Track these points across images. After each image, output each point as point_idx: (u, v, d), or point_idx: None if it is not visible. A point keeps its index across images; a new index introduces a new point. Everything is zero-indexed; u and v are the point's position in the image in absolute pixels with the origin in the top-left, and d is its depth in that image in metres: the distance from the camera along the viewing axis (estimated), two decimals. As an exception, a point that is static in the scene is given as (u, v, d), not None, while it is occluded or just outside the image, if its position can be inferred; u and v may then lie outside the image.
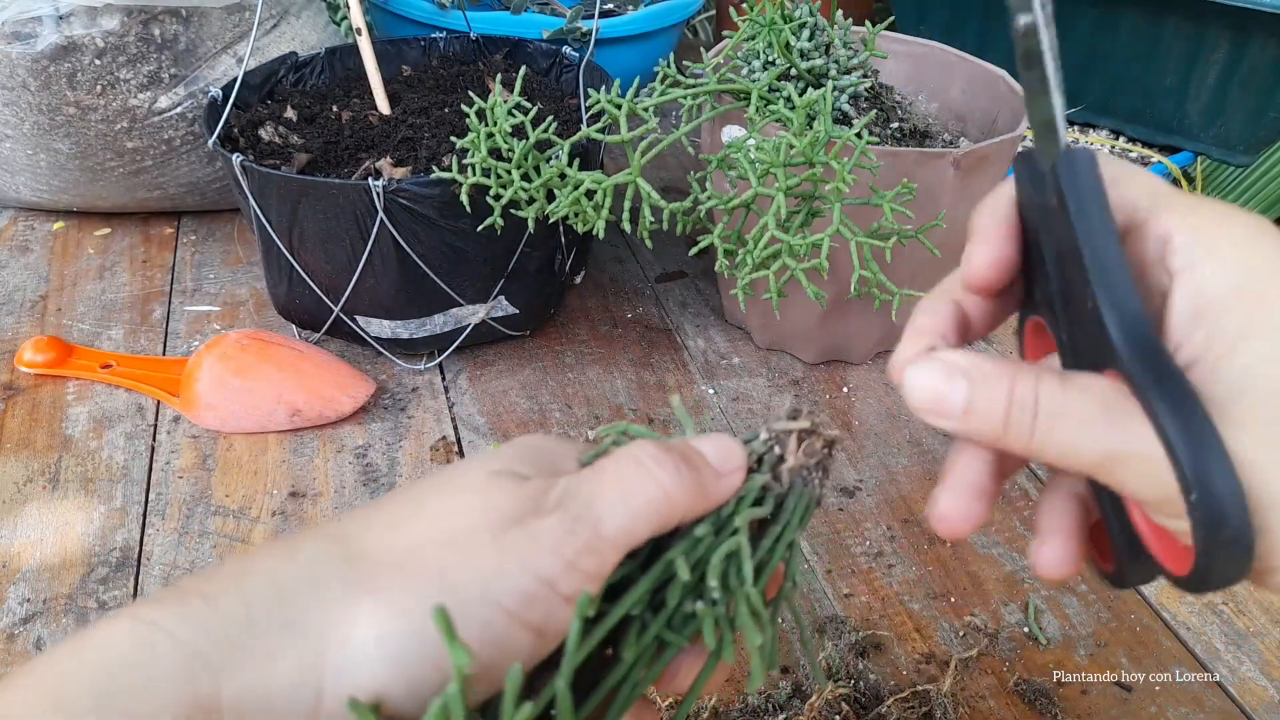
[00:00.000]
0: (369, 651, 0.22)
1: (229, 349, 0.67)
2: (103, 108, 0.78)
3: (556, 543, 0.24)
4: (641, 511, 0.25)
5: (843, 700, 0.49)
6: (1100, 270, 0.24)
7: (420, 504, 0.25)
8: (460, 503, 0.25)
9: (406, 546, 0.24)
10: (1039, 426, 0.25)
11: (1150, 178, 0.27)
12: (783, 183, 0.52)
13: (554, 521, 0.24)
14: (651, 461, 0.26)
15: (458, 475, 0.26)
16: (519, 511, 0.25)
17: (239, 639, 0.21)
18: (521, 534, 0.24)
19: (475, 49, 0.86)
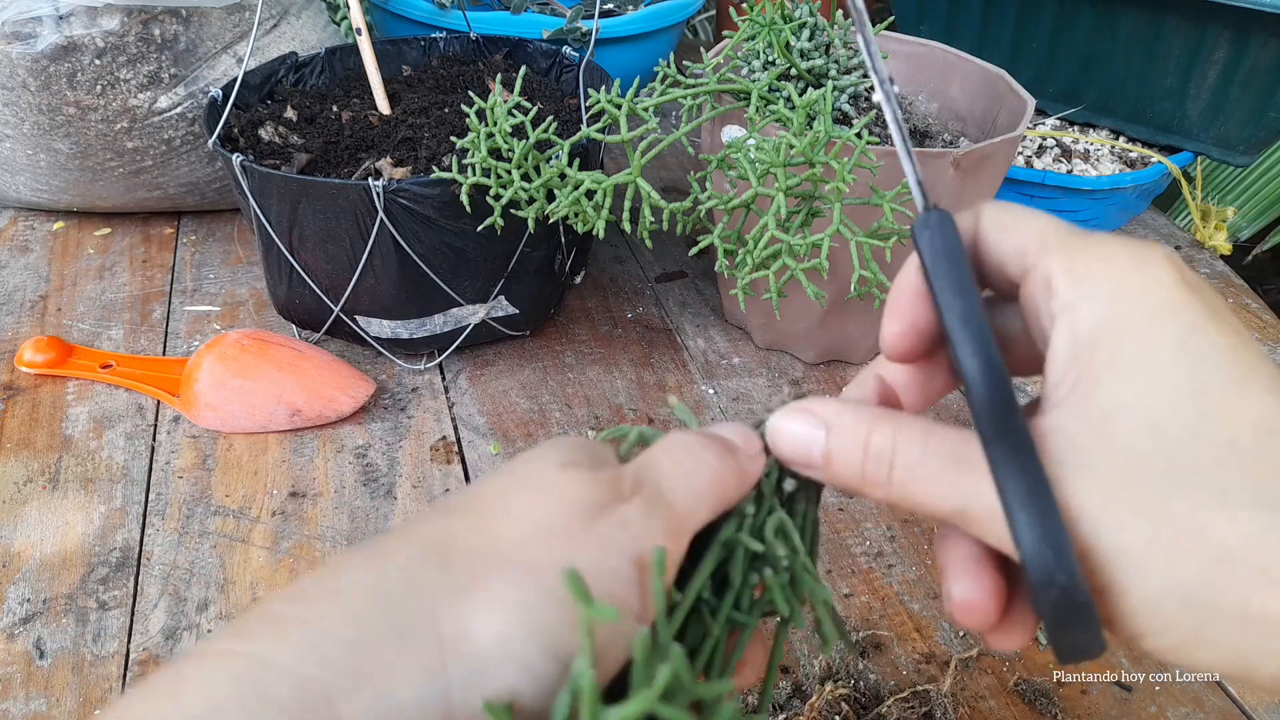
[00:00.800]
0: (492, 652, 0.21)
1: (229, 349, 0.67)
2: (103, 108, 0.78)
3: (643, 527, 0.24)
4: (701, 492, 0.26)
5: (843, 700, 0.49)
6: (953, 328, 0.25)
7: (498, 503, 0.24)
8: (543, 498, 0.24)
9: (502, 545, 0.23)
10: (894, 478, 0.25)
11: (1044, 221, 0.26)
12: (783, 183, 0.52)
13: (636, 506, 0.24)
14: (699, 447, 0.27)
15: (527, 472, 0.26)
16: (601, 498, 0.24)
17: (353, 660, 0.20)
18: (612, 521, 0.24)
19: (475, 49, 0.86)
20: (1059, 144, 0.93)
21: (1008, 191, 0.85)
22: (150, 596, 0.55)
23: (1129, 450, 0.22)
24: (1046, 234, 0.25)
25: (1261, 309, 0.86)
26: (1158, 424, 0.22)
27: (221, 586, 0.56)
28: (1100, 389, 0.22)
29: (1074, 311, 0.23)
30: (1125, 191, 0.86)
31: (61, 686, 0.50)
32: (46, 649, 0.52)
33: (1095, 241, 0.24)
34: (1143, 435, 0.22)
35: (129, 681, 0.51)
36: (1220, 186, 1.26)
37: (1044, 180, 0.83)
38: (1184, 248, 0.95)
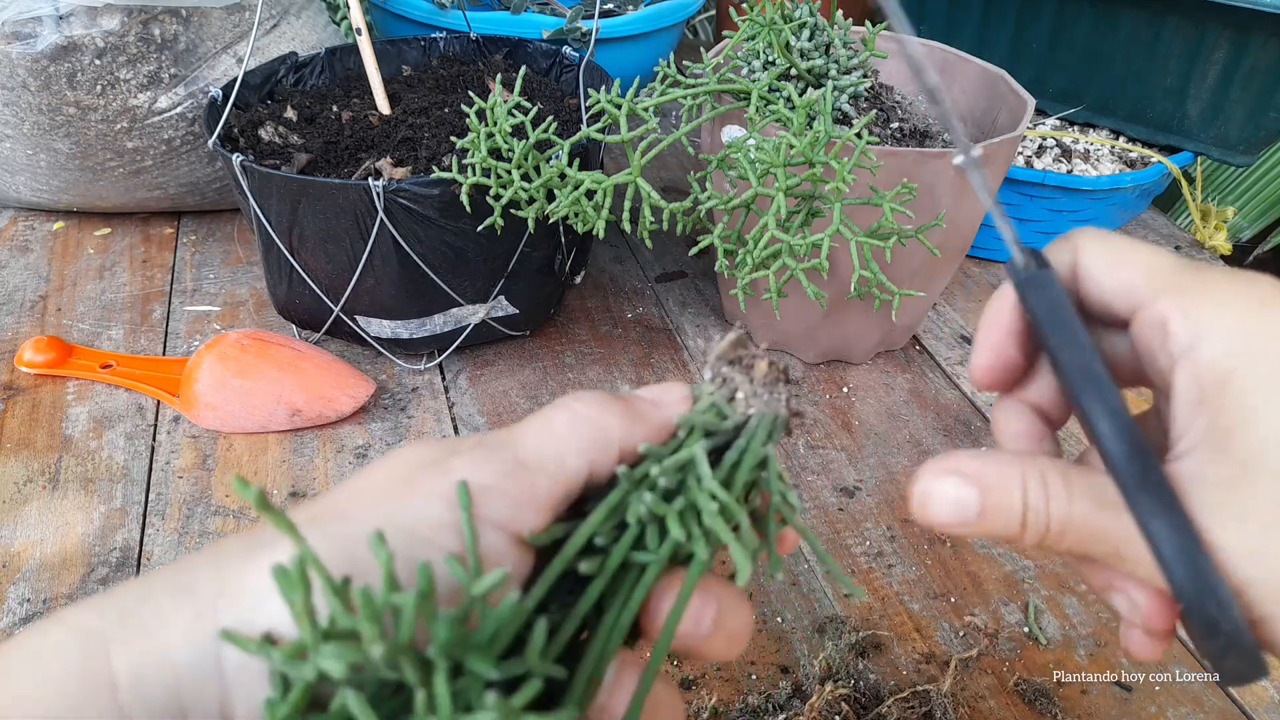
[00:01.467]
0: (263, 594, 0.21)
1: (229, 349, 0.67)
2: (103, 108, 0.78)
3: (471, 471, 0.24)
4: (567, 436, 0.26)
5: (843, 700, 0.49)
6: (1077, 385, 0.25)
7: (350, 481, 0.26)
8: (387, 461, 0.25)
9: (336, 505, 0.24)
10: (1051, 528, 0.25)
11: (1151, 255, 0.26)
12: (783, 183, 0.52)
13: (467, 456, 0.25)
14: (573, 400, 0.27)
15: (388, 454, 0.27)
16: (437, 457, 0.25)
17: (131, 610, 0.21)
18: (434, 470, 0.24)
19: (475, 49, 0.86)
20: (1059, 144, 0.93)
21: (1008, 192, 0.85)
22: (150, 596, 0.55)
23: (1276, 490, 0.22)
24: (1155, 272, 0.25)
25: (1261, 309, 0.86)
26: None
27: (221, 586, 0.56)
28: (1239, 433, 0.23)
29: (1195, 356, 0.24)
30: (1125, 191, 0.86)
31: (61, 686, 0.50)
32: None
33: (1207, 279, 0.25)
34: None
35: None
36: (1221, 187, 1.26)
37: (1044, 180, 0.83)
38: (1184, 248, 0.95)
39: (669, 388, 0.29)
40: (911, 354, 0.79)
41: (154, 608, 0.21)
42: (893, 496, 0.64)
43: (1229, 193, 1.26)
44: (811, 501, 0.64)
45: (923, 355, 0.79)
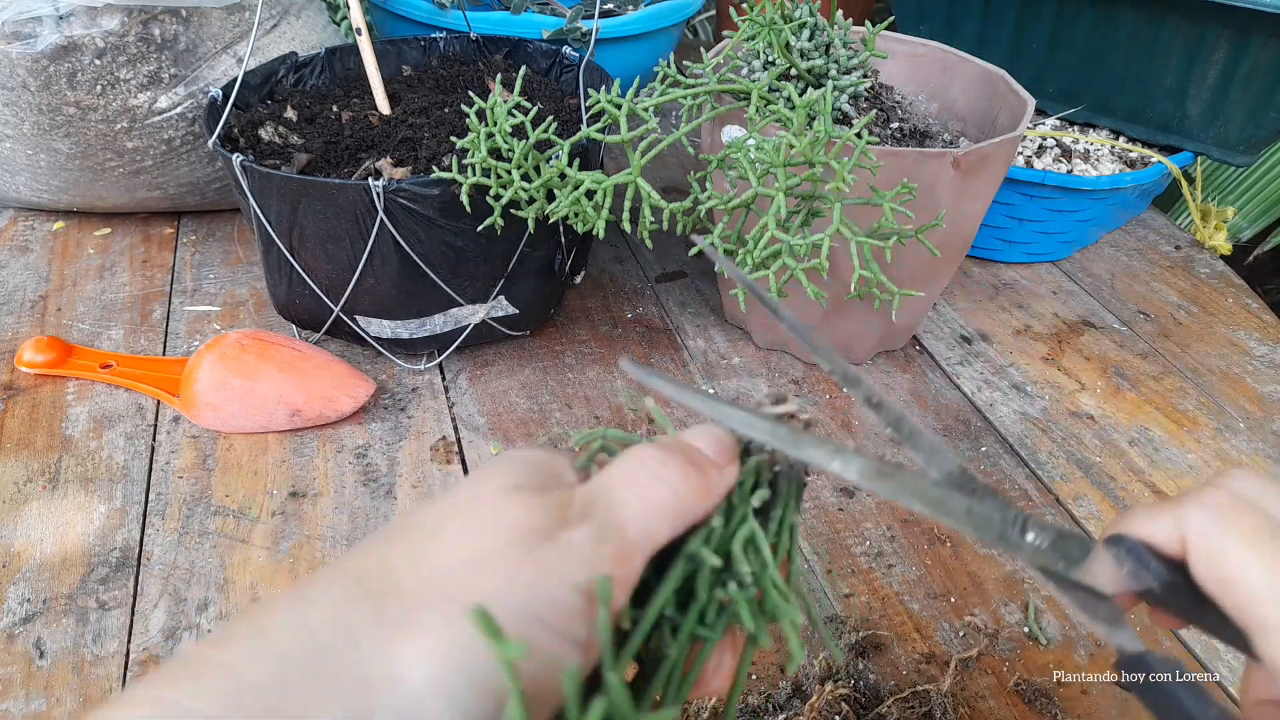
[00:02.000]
0: (423, 695, 0.20)
1: (229, 349, 0.67)
2: (103, 108, 0.78)
3: (591, 553, 0.24)
4: (660, 513, 0.26)
5: (843, 700, 0.49)
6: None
7: (436, 531, 0.24)
8: (482, 523, 0.24)
9: (436, 576, 0.22)
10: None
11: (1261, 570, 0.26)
12: (783, 183, 0.52)
13: (583, 532, 0.24)
14: (658, 464, 0.26)
15: (468, 496, 0.25)
16: (545, 524, 0.24)
17: (272, 704, 0.19)
18: (554, 548, 0.23)
19: (475, 49, 0.86)
20: (1059, 144, 0.93)
21: (1008, 191, 0.85)
22: (150, 596, 0.55)
23: None
24: (1265, 606, 0.25)
25: (1261, 309, 0.86)
26: None
27: (221, 586, 0.56)
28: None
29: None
30: (1125, 191, 0.86)
31: (61, 686, 0.50)
32: (46, 649, 0.52)
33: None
34: None
35: (129, 681, 0.51)
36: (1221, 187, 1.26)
37: (1044, 180, 0.83)
38: (1184, 248, 0.95)
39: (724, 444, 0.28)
40: (911, 354, 0.79)
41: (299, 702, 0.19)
42: (893, 496, 0.64)
43: (1229, 193, 1.26)
44: (812, 501, 0.64)
45: (923, 355, 0.79)
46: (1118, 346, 0.81)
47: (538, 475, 0.26)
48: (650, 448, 0.27)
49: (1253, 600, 0.26)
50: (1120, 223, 0.97)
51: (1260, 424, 0.73)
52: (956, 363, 0.78)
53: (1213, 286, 0.90)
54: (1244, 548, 0.26)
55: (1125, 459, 0.69)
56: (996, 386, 0.76)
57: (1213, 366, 0.79)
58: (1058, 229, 0.88)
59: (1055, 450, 0.69)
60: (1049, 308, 0.85)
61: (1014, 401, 0.74)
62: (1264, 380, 0.77)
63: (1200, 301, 0.87)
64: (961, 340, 0.81)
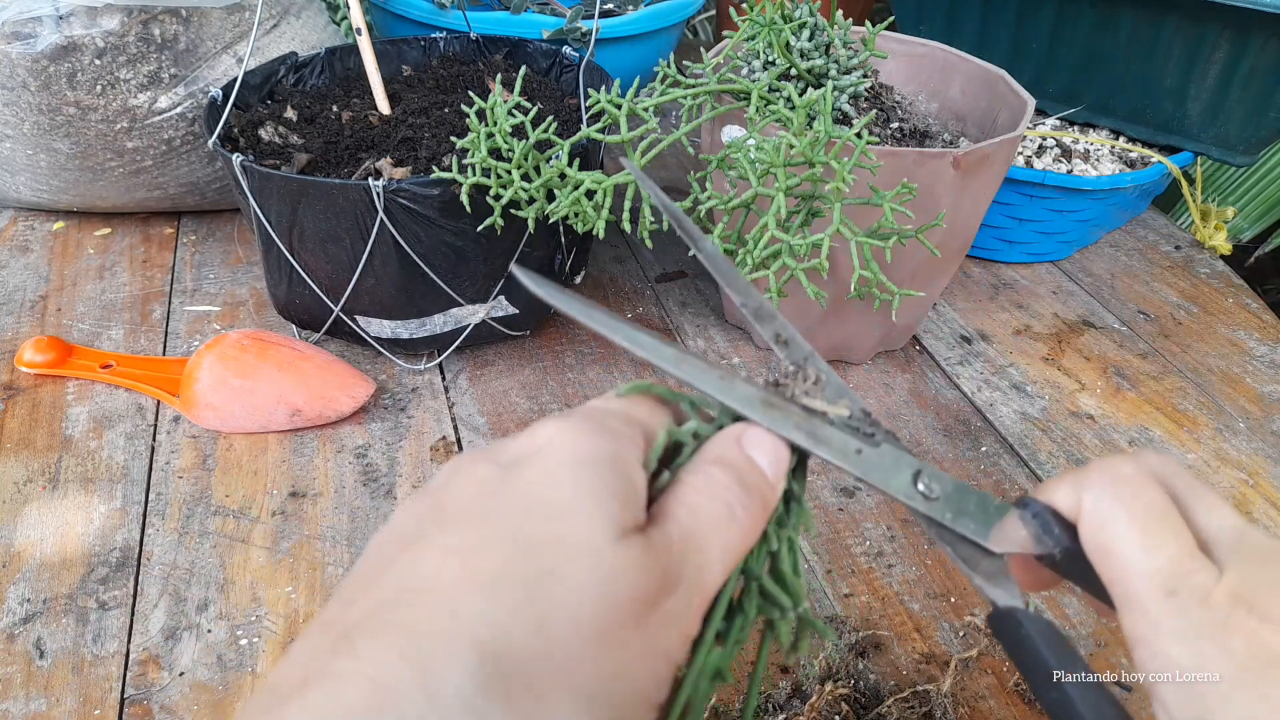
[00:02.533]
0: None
1: (229, 349, 0.67)
2: (103, 108, 0.78)
3: (685, 622, 0.23)
4: (735, 556, 0.26)
5: (843, 700, 0.49)
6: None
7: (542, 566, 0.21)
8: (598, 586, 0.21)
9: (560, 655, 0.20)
10: None
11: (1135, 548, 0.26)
12: (783, 183, 0.52)
13: (682, 597, 0.23)
14: (740, 507, 0.25)
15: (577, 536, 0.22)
16: (656, 586, 0.22)
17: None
18: (661, 620, 0.23)
19: (475, 49, 0.86)
20: (1059, 144, 0.93)
21: (1008, 191, 0.85)
22: (150, 596, 0.55)
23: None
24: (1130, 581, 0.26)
25: (1261, 309, 0.86)
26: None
27: (221, 586, 0.56)
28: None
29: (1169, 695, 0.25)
30: (1125, 191, 0.86)
31: (61, 686, 0.50)
32: (46, 649, 0.52)
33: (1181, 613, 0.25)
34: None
35: (129, 681, 0.51)
36: (1222, 187, 1.26)
37: (1044, 180, 0.83)
38: (1184, 248, 0.95)
39: (780, 460, 0.28)
40: (911, 354, 0.79)
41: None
42: (893, 496, 0.64)
43: (1230, 193, 1.26)
44: (812, 501, 0.64)
45: (923, 355, 0.79)
46: (1118, 346, 0.81)
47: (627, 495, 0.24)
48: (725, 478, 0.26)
49: (1125, 574, 0.26)
50: (1120, 223, 0.97)
51: (1260, 424, 0.73)
52: (956, 363, 0.78)
53: (1213, 286, 0.90)
54: (1128, 522, 0.27)
55: (1125, 459, 0.69)
56: (996, 386, 0.76)
57: (1213, 366, 0.79)
58: (1058, 229, 0.88)
59: (1055, 450, 0.69)
60: (1049, 308, 0.85)
61: (1014, 401, 0.74)
62: (1264, 380, 0.77)
63: (1200, 301, 0.87)
64: (961, 340, 0.81)
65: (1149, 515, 0.27)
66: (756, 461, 0.27)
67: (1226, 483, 0.67)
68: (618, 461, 0.24)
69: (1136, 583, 0.26)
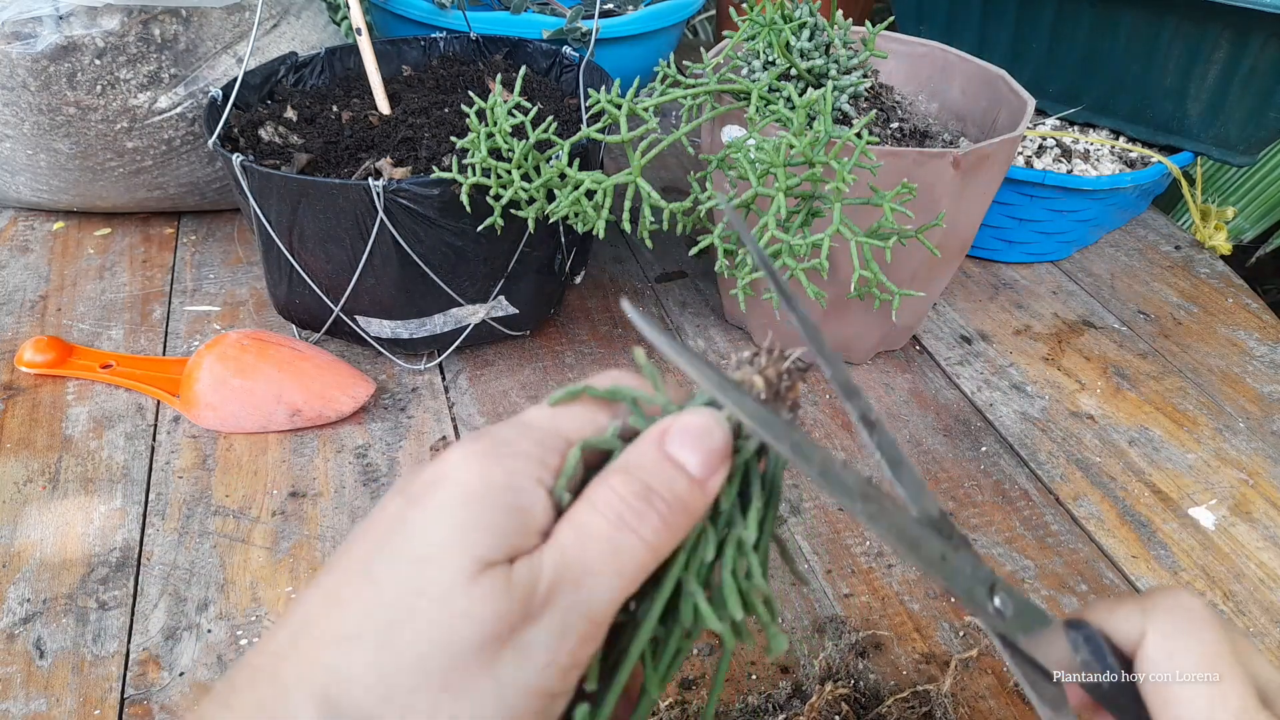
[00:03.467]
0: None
1: (229, 349, 0.67)
2: (103, 108, 0.78)
3: (552, 653, 0.22)
4: (632, 577, 0.24)
5: (843, 700, 0.49)
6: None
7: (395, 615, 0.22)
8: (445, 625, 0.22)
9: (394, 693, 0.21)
10: None
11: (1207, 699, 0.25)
12: (783, 183, 0.52)
13: (545, 627, 0.22)
14: (636, 520, 0.24)
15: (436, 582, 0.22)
16: (509, 620, 0.22)
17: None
18: (515, 655, 0.22)
19: (475, 49, 0.86)
20: (1059, 144, 0.93)
21: (1008, 191, 0.85)
22: (150, 596, 0.55)
23: None
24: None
25: (1261, 309, 0.86)
26: None
27: (221, 586, 0.56)
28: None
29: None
30: (1125, 191, 0.86)
31: (61, 686, 0.50)
32: (46, 649, 0.52)
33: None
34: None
35: (129, 681, 0.51)
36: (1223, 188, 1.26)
37: (1044, 180, 0.83)
38: (1184, 248, 0.95)
39: (714, 451, 0.25)
40: (911, 354, 0.79)
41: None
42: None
43: (1231, 193, 1.26)
44: (812, 501, 0.64)
45: (923, 355, 0.79)
46: (1118, 346, 0.81)
47: (505, 528, 0.23)
48: (624, 490, 0.24)
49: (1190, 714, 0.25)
50: (1120, 223, 0.97)
51: (1260, 424, 0.73)
52: (956, 363, 0.78)
53: (1213, 286, 0.90)
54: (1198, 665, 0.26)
55: (1125, 459, 0.69)
56: (996, 386, 0.76)
57: (1213, 366, 0.79)
58: (1058, 229, 0.88)
59: (1055, 450, 0.69)
60: (1049, 308, 0.85)
61: (1014, 401, 0.74)
62: (1264, 380, 0.77)
63: (1200, 301, 0.87)
64: (961, 340, 0.81)
65: (1219, 661, 0.26)
66: (678, 459, 0.25)
67: (1226, 483, 0.67)
68: (506, 490, 0.24)
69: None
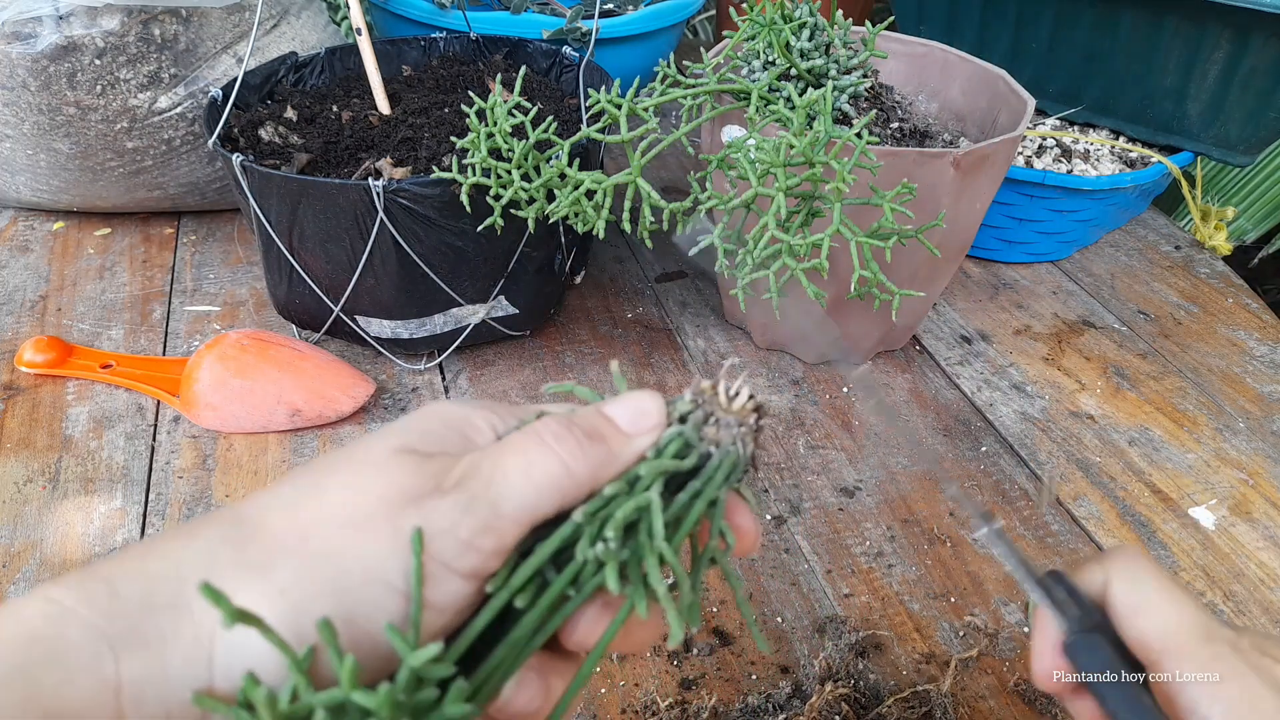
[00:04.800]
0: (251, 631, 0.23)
1: (229, 349, 0.67)
2: (103, 108, 0.78)
3: (452, 523, 0.25)
4: (543, 487, 0.26)
5: (843, 700, 0.49)
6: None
7: (319, 482, 0.26)
8: (360, 481, 0.25)
9: (302, 527, 0.25)
10: None
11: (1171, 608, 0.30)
12: (783, 183, 0.52)
13: (451, 502, 0.25)
14: (553, 439, 0.26)
15: (359, 451, 0.26)
16: (418, 490, 0.25)
17: (136, 620, 0.23)
18: (417, 514, 0.25)
19: (475, 49, 0.86)
20: (1059, 144, 0.93)
21: (1008, 191, 0.85)
22: (150, 596, 0.55)
23: None
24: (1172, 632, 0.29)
25: (1261, 309, 0.86)
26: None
27: (221, 586, 0.56)
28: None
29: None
30: (1125, 191, 0.86)
31: (61, 686, 0.50)
32: None
33: (1226, 652, 0.28)
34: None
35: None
36: (1224, 189, 1.26)
37: (1044, 180, 0.83)
38: (1184, 248, 0.95)
39: (647, 407, 0.28)
40: (911, 354, 0.79)
41: (156, 623, 0.23)
42: (892, 496, 0.64)
43: (1232, 194, 1.26)
44: (811, 501, 0.64)
45: (923, 355, 0.79)
46: (1118, 346, 0.81)
47: (441, 437, 0.27)
48: (552, 421, 0.27)
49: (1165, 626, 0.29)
50: (1120, 223, 0.97)
51: (1260, 424, 0.73)
52: (956, 363, 0.78)
53: (1213, 286, 0.90)
54: (1157, 586, 0.30)
55: (1125, 459, 0.69)
56: (996, 386, 0.76)
57: (1213, 366, 0.79)
58: (1058, 229, 0.88)
59: (1055, 450, 0.69)
60: (1049, 308, 0.85)
61: (1014, 401, 0.74)
62: (1264, 380, 0.77)
63: (1200, 301, 0.87)
64: (961, 340, 0.81)
65: (1171, 584, 0.31)
66: (609, 413, 0.28)
67: (1226, 483, 0.67)
68: (457, 419, 0.28)
69: (1178, 632, 0.29)
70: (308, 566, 0.24)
